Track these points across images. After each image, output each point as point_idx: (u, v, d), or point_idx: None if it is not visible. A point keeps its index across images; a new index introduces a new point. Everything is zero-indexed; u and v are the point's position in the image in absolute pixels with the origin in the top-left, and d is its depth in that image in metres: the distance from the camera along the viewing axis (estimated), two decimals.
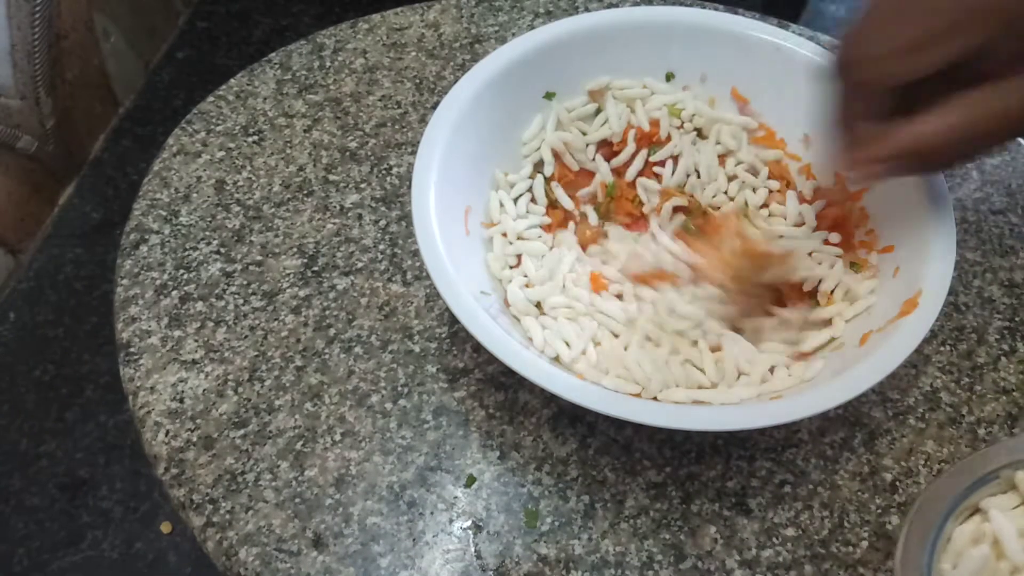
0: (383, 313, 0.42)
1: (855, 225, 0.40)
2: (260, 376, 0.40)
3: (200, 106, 0.52)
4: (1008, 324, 0.42)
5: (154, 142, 1.28)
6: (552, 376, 0.32)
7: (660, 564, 0.35)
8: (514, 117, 0.43)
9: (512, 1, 0.57)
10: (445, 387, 0.40)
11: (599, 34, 0.43)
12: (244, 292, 0.43)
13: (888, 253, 0.38)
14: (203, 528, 0.36)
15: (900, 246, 0.37)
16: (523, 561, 0.35)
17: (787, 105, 0.43)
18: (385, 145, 0.50)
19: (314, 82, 0.53)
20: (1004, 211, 0.47)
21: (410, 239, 0.45)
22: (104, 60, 1.27)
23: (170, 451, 0.38)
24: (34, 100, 1.12)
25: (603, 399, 0.32)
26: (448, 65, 0.53)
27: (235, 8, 1.49)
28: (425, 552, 0.35)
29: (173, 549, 0.93)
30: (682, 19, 0.43)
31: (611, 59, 0.44)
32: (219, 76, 0.54)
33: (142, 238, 0.46)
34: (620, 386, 0.34)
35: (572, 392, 0.32)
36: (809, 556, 0.35)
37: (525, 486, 0.37)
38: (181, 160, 0.49)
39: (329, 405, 0.39)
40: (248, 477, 0.37)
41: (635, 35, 0.44)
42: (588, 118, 0.44)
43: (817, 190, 0.41)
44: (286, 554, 0.35)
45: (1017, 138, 0.31)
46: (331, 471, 0.37)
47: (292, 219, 0.46)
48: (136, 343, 0.42)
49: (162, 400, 0.40)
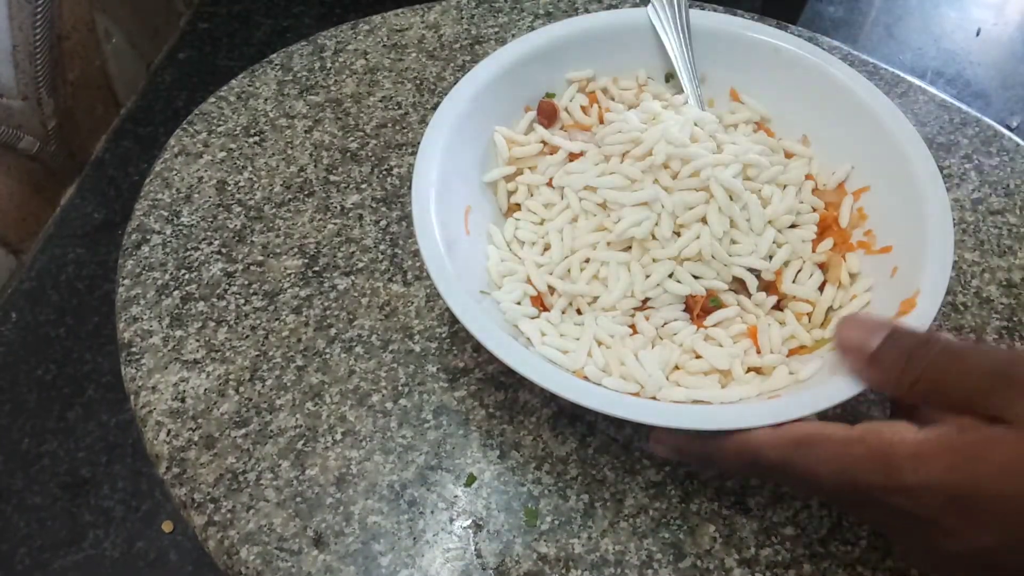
0: (384, 313, 0.43)
1: (853, 226, 0.40)
2: (261, 376, 0.41)
3: (201, 107, 0.52)
4: (1006, 324, 0.42)
5: (155, 143, 1.28)
6: (551, 376, 0.32)
7: (659, 563, 0.35)
8: (515, 117, 0.43)
9: (512, 2, 0.57)
10: (445, 386, 0.40)
11: (599, 35, 0.44)
12: (245, 292, 0.44)
13: (886, 254, 0.38)
14: (204, 527, 0.36)
15: (898, 247, 0.37)
16: (523, 560, 0.35)
17: (786, 106, 0.43)
18: (386, 146, 0.50)
19: (315, 83, 0.53)
20: (1002, 211, 0.47)
21: (411, 239, 0.45)
22: (106, 61, 1.28)
23: (171, 450, 0.38)
24: (36, 101, 1.12)
25: (602, 398, 0.32)
26: (448, 66, 0.54)
27: (236, 9, 1.49)
28: (425, 551, 0.35)
29: (174, 548, 0.93)
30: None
31: (611, 60, 0.44)
32: (220, 77, 0.54)
33: (144, 238, 0.46)
34: (620, 386, 0.34)
35: (571, 391, 0.32)
36: (808, 555, 0.35)
37: (525, 485, 0.37)
38: (182, 161, 0.49)
39: (330, 404, 0.40)
40: (249, 476, 0.37)
41: (635, 36, 0.44)
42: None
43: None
44: (287, 553, 0.35)
45: None
46: (332, 470, 0.38)
47: (293, 219, 0.47)
48: (138, 343, 0.42)
49: (164, 399, 0.40)
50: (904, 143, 0.38)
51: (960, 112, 0.52)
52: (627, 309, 0.38)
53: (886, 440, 0.27)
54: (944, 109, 0.52)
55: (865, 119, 0.40)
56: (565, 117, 0.44)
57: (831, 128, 0.42)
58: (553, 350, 0.36)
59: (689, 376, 0.36)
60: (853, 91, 0.41)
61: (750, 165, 0.40)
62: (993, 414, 0.26)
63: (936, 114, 0.52)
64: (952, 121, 0.51)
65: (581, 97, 0.44)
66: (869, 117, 0.40)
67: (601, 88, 0.45)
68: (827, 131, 0.42)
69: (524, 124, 0.43)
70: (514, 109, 0.43)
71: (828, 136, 0.42)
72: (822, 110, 0.42)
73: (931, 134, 0.50)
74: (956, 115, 0.51)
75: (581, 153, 0.42)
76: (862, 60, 0.54)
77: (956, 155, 0.50)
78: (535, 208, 0.41)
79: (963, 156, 0.49)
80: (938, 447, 0.26)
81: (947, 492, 0.26)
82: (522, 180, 0.42)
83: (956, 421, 0.27)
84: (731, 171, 0.38)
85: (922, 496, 0.26)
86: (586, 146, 0.42)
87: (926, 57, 1.47)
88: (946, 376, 0.28)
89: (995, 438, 0.26)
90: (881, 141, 0.39)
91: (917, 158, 0.38)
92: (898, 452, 0.27)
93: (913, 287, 0.34)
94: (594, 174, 0.40)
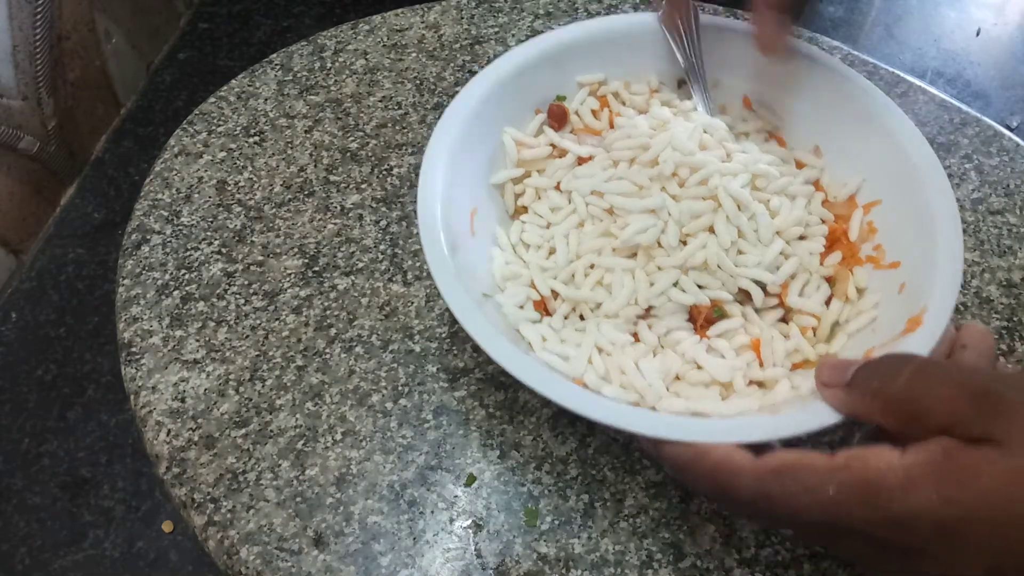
0: (384, 313, 0.43)
1: (862, 239, 0.39)
2: (261, 376, 0.41)
3: (201, 107, 0.52)
4: (1006, 324, 0.42)
5: (155, 143, 1.28)
6: (551, 384, 0.32)
7: (659, 563, 0.35)
8: (525, 119, 0.43)
9: (512, 2, 0.57)
10: (445, 386, 0.40)
11: (611, 39, 0.43)
12: (245, 292, 0.44)
13: (894, 269, 0.37)
14: (204, 527, 0.36)
15: (907, 263, 0.37)
16: (523, 560, 0.35)
17: (799, 115, 0.43)
18: (386, 146, 0.50)
19: (315, 83, 0.53)
20: (1002, 211, 0.47)
21: (411, 239, 0.45)
22: (106, 61, 1.28)
23: (172, 450, 0.38)
24: (36, 101, 1.12)
25: (599, 408, 0.31)
26: (448, 66, 0.54)
27: (236, 9, 1.49)
28: (425, 551, 0.35)
29: (174, 548, 0.93)
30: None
31: (623, 64, 0.44)
32: (220, 77, 0.54)
33: (144, 238, 0.46)
34: (620, 395, 0.34)
35: (570, 400, 0.31)
36: (808, 555, 0.35)
37: (525, 485, 0.37)
38: (182, 161, 0.49)
39: (330, 404, 0.40)
40: (249, 476, 0.37)
41: (647, 40, 0.43)
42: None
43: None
44: (287, 553, 0.35)
45: None
46: (332, 470, 0.38)
47: (293, 219, 0.47)
48: (138, 343, 0.42)
49: (164, 399, 0.40)
50: (917, 158, 0.38)
51: (960, 112, 0.52)
52: (630, 316, 0.37)
53: (872, 468, 0.26)
54: (944, 109, 0.52)
55: (879, 132, 0.39)
56: (575, 120, 0.44)
57: (844, 139, 0.41)
58: (553, 356, 0.35)
59: (690, 387, 0.35)
60: (869, 103, 0.40)
61: (759, 175, 0.39)
62: (976, 435, 0.25)
63: (936, 114, 0.52)
64: (952, 121, 0.51)
65: (592, 101, 0.44)
66: (884, 130, 0.39)
67: (612, 92, 0.44)
68: (840, 142, 0.41)
69: (534, 126, 0.43)
70: (524, 111, 0.43)
71: (841, 147, 0.41)
72: (836, 121, 0.41)
73: (931, 134, 0.50)
74: (956, 115, 0.52)
75: (590, 157, 0.41)
76: (862, 60, 0.54)
77: (956, 155, 0.50)
78: (542, 211, 0.41)
79: (963, 156, 0.49)
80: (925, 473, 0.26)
81: (936, 520, 0.25)
82: (530, 183, 0.42)
83: (940, 443, 0.26)
84: (740, 181, 0.38)
85: (911, 526, 0.26)
86: (595, 150, 0.41)
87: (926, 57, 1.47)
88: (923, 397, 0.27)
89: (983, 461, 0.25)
90: (895, 155, 0.39)
91: (930, 174, 0.37)
92: (885, 481, 0.26)
93: (920, 304, 0.34)
94: (602, 179, 0.39)
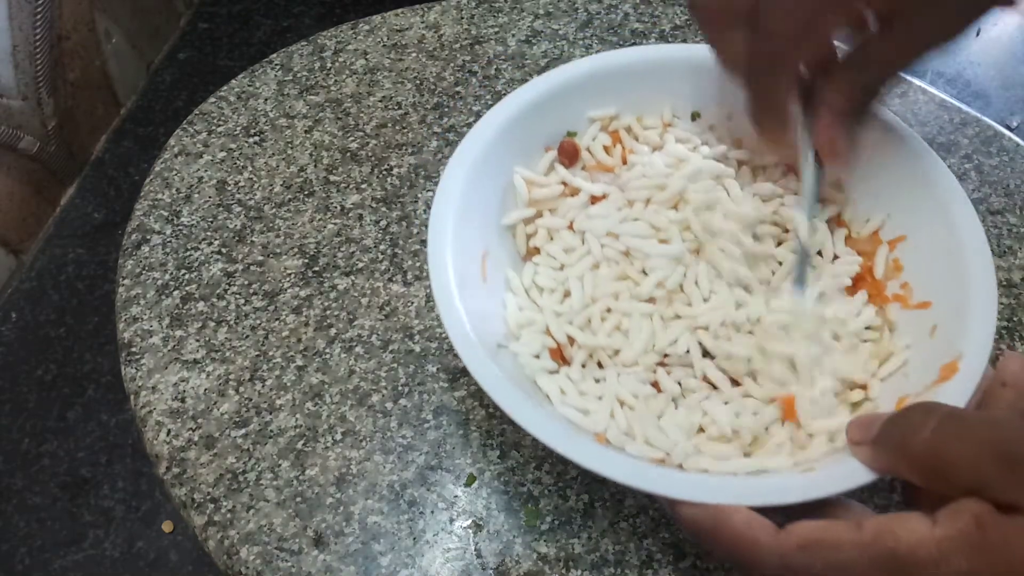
0: (384, 313, 0.43)
1: (888, 277, 0.37)
2: (261, 376, 0.41)
3: (201, 107, 0.52)
4: (1006, 324, 0.42)
5: (155, 143, 1.28)
6: (577, 445, 0.30)
7: (659, 563, 0.35)
8: (535, 157, 0.41)
9: (512, 2, 0.57)
10: (445, 387, 0.40)
11: (622, 72, 0.42)
12: (245, 292, 0.44)
13: (924, 309, 0.35)
14: (204, 527, 0.36)
15: (937, 303, 0.35)
16: (523, 560, 0.35)
17: None
18: (386, 146, 0.50)
19: (315, 83, 0.53)
20: (1002, 211, 0.47)
21: (411, 239, 0.46)
22: (106, 61, 1.28)
23: (171, 450, 0.38)
24: (36, 101, 1.12)
25: (628, 470, 0.30)
26: (448, 66, 0.54)
27: (236, 9, 1.49)
28: (426, 551, 0.35)
29: (174, 548, 0.93)
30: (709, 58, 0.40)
31: (635, 98, 0.42)
32: (220, 77, 0.54)
33: (144, 238, 0.46)
34: (645, 452, 0.32)
35: (597, 462, 0.30)
36: None
37: (525, 485, 0.37)
38: (182, 161, 0.49)
39: (330, 404, 0.40)
40: (249, 476, 0.37)
41: (660, 72, 0.42)
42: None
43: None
44: (287, 553, 0.35)
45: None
46: (332, 470, 0.38)
47: (293, 219, 0.47)
48: (138, 343, 0.42)
49: (164, 400, 0.40)
50: (945, 192, 0.36)
51: (960, 112, 0.52)
52: (649, 365, 0.36)
53: (903, 543, 0.25)
54: (944, 109, 0.52)
55: (904, 165, 0.37)
56: (587, 157, 0.42)
57: (867, 172, 0.39)
58: (574, 411, 0.34)
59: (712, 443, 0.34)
60: (892, 135, 0.38)
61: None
62: (1006, 501, 0.25)
63: (936, 114, 0.52)
64: (952, 121, 0.51)
65: (603, 136, 0.42)
66: (909, 164, 0.37)
67: (624, 127, 0.42)
68: (862, 175, 0.39)
69: (544, 164, 0.41)
70: (534, 148, 0.41)
71: (863, 180, 0.39)
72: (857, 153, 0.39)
73: (931, 134, 0.50)
74: (956, 115, 0.52)
75: (603, 195, 0.40)
76: None
77: (956, 155, 0.50)
78: (555, 253, 0.39)
79: (963, 156, 0.49)
80: (958, 547, 0.25)
81: None
82: (541, 223, 0.40)
83: (971, 511, 0.25)
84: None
85: None
86: (608, 188, 0.40)
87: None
88: (947, 454, 0.26)
89: (1016, 533, 0.24)
90: (920, 189, 0.37)
91: (958, 209, 0.35)
92: (917, 558, 0.25)
93: (955, 350, 0.32)
94: (617, 219, 0.38)
